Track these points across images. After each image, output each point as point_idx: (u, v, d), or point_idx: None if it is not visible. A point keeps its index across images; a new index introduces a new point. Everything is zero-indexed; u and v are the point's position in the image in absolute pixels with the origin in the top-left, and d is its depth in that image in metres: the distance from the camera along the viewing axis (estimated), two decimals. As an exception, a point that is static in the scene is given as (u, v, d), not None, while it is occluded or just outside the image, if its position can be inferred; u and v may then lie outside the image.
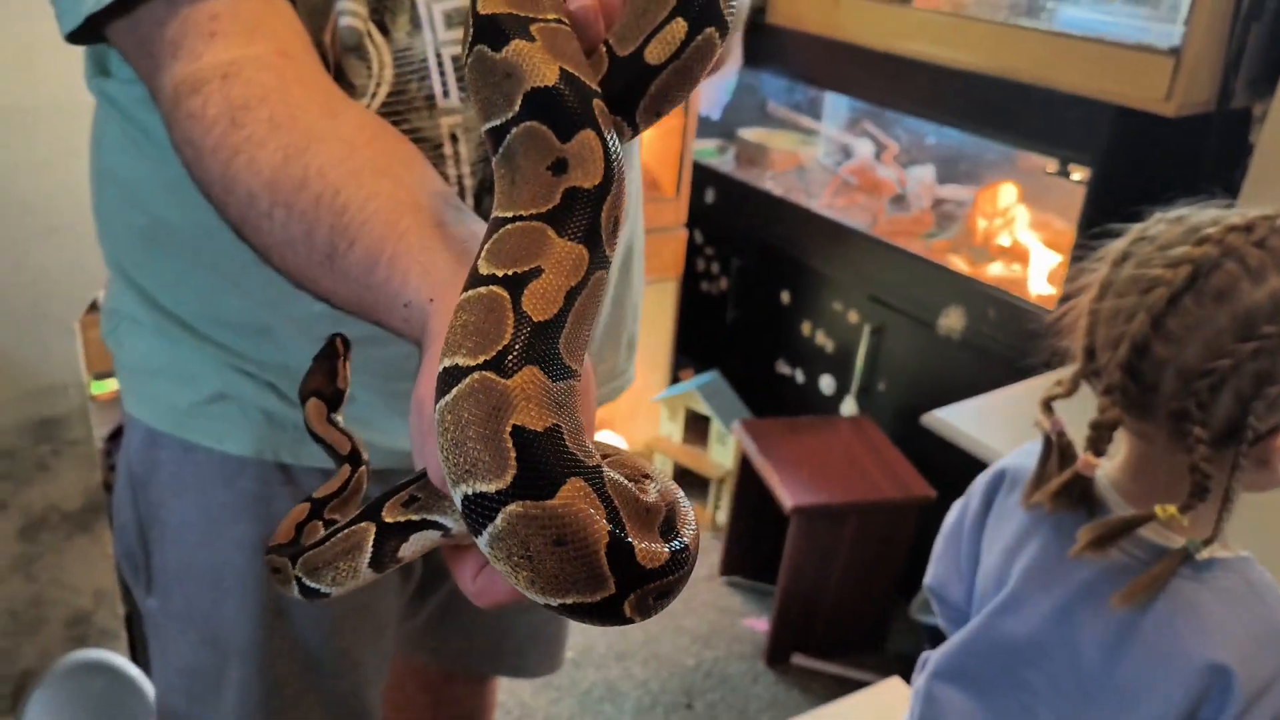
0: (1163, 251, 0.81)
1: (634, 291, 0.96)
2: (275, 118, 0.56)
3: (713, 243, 2.60)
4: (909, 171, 2.48)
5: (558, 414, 0.36)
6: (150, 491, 0.84)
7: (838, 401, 2.35)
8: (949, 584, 1.08)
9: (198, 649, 0.86)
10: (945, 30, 1.96)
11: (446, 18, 0.68)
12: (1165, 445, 0.84)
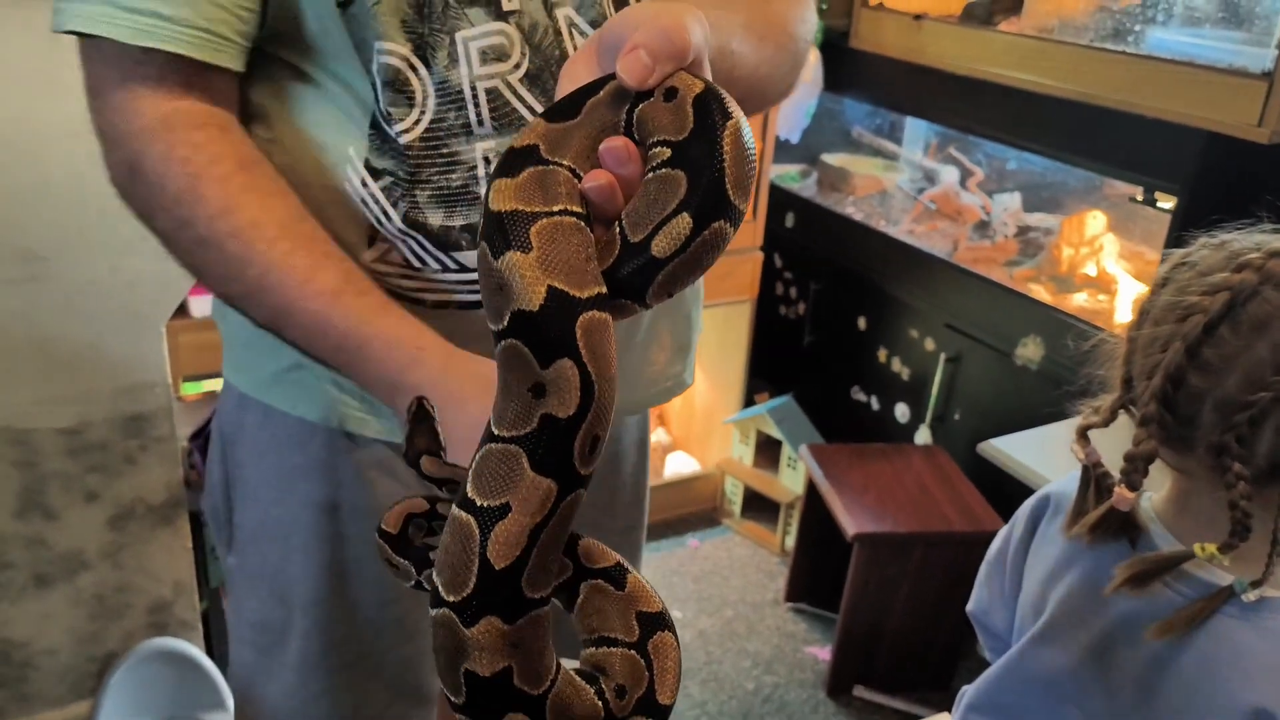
0: (1202, 278, 0.79)
1: (684, 300, 0.98)
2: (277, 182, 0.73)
3: (791, 267, 2.59)
4: (994, 198, 2.43)
5: (511, 655, 0.42)
6: (237, 451, 0.92)
7: (912, 430, 2.31)
8: (992, 611, 1.05)
9: (267, 604, 0.93)
10: (1029, 54, 1.92)
11: (481, 54, 0.74)
12: (1206, 480, 0.81)
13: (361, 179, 0.77)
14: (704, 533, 2.51)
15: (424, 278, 0.80)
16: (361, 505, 0.90)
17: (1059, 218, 2.28)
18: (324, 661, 0.93)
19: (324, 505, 0.89)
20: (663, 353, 0.98)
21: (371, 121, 0.76)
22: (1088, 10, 1.88)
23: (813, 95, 2.32)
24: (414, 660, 0.97)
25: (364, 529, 0.91)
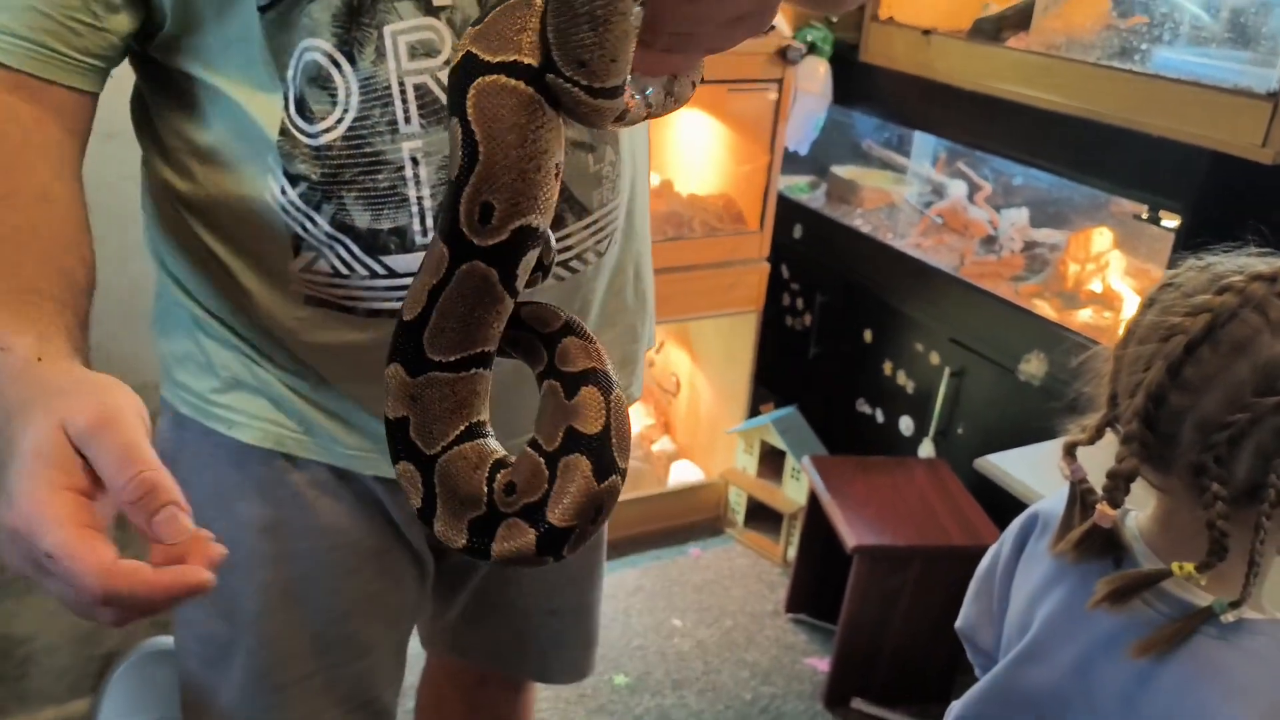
0: (1185, 299, 0.79)
1: (628, 312, 0.98)
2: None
3: (798, 278, 2.60)
4: (1002, 213, 2.43)
5: (409, 407, 0.45)
6: (177, 470, 0.88)
7: (916, 443, 2.31)
8: (980, 628, 1.06)
9: (212, 619, 0.92)
10: (1036, 71, 1.92)
11: (410, 49, 0.72)
12: (1187, 499, 0.81)
13: (281, 187, 0.76)
14: (706, 542, 2.51)
15: (353, 285, 0.78)
16: (302, 525, 0.89)
17: (1066, 234, 2.27)
18: (270, 678, 0.92)
19: (263, 526, 0.88)
20: None
21: (281, 128, 0.74)
22: (1095, 29, 1.89)
23: (822, 108, 2.32)
24: (367, 675, 0.96)
25: (311, 546, 0.90)
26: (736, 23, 0.50)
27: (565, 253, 0.85)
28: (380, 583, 0.95)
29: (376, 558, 0.94)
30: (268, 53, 0.71)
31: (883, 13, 2.25)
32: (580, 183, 0.83)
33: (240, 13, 0.70)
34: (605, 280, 0.93)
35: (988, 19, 2.08)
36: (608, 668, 2.08)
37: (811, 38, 2.26)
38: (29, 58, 0.66)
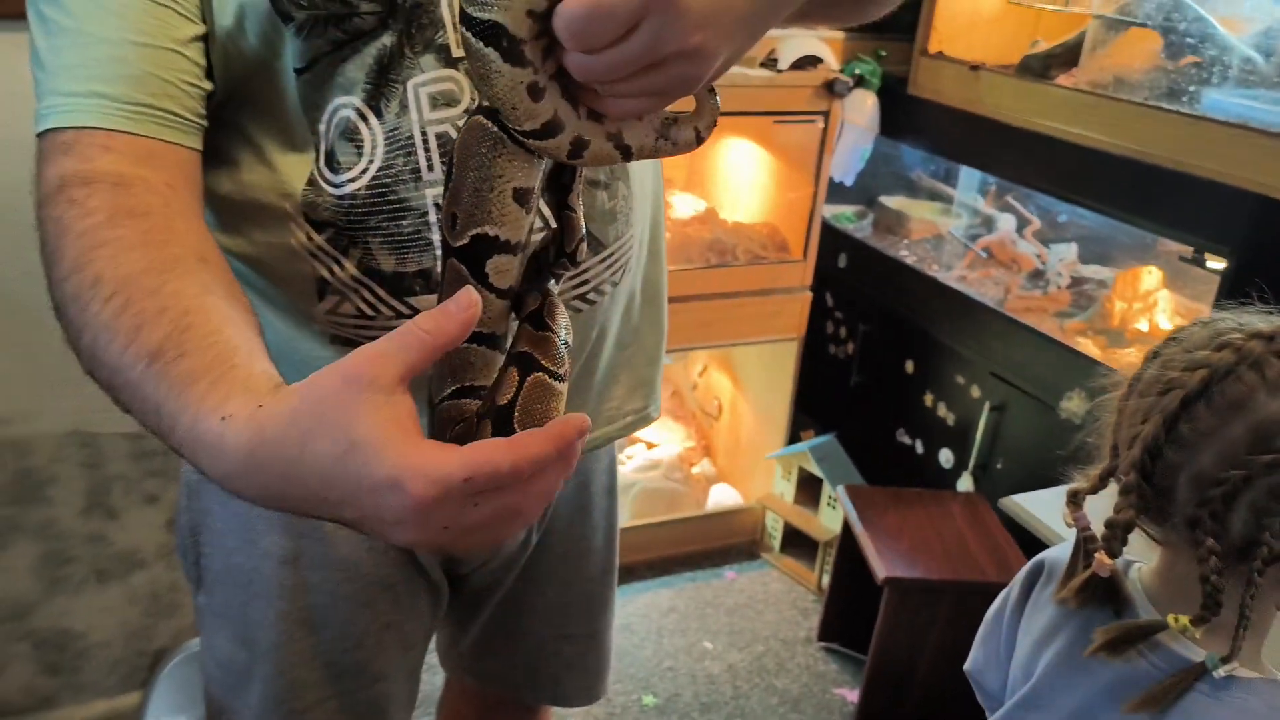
0: (1186, 354, 0.80)
1: (642, 336, 1.01)
2: (152, 235, 0.63)
3: (842, 306, 2.61)
4: (1051, 248, 2.42)
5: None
6: (201, 499, 0.94)
7: (955, 476, 2.30)
8: (987, 671, 1.06)
9: (233, 645, 0.95)
10: (1082, 109, 1.92)
11: (431, 99, 0.76)
12: (1185, 553, 0.82)
13: (307, 233, 0.79)
14: (742, 566, 2.53)
15: (379, 326, 0.81)
16: (321, 557, 0.92)
17: (1115, 271, 2.25)
18: (286, 704, 0.95)
19: (284, 558, 0.91)
20: (620, 388, 1.00)
21: (308, 179, 0.77)
22: (1143, 68, 1.88)
23: (868, 140, 2.34)
24: (380, 700, 0.99)
25: (326, 578, 0.93)
26: (648, 74, 0.51)
27: (582, 286, 0.88)
28: (394, 613, 0.98)
29: (391, 589, 0.97)
30: (300, 110, 0.75)
31: (932, 47, 2.27)
32: (596, 219, 0.86)
33: (277, 75, 0.75)
34: (620, 307, 0.96)
35: (1036, 56, 2.08)
36: (637, 687, 2.11)
37: (860, 71, 2.28)
38: (158, 124, 0.69)
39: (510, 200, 0.58)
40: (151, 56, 0.68)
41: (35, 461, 1.64)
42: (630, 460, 2.60)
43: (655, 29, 0.49)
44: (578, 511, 1.09)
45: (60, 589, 1.73)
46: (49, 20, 0.68)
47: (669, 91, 0.53)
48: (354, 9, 0.73)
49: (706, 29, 0.50)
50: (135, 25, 0.68)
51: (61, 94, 0.67)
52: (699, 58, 0.51)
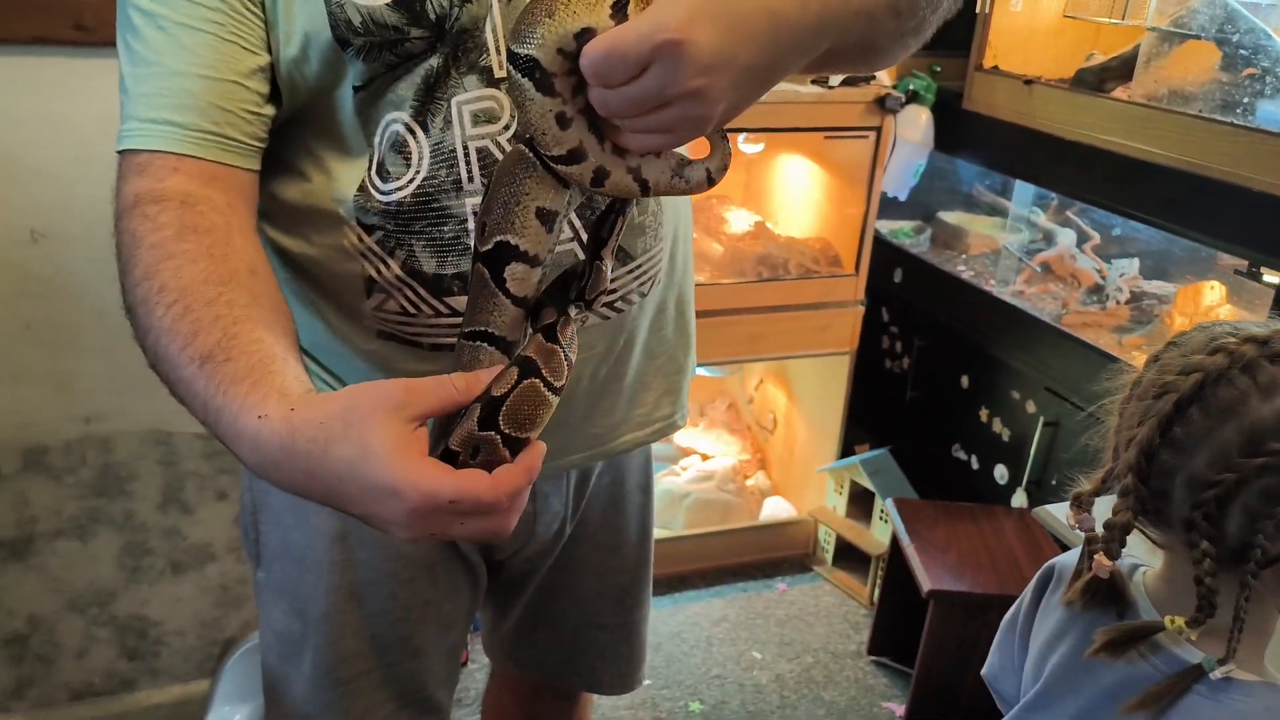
0: (1182, 358, 0.81)
1: (669, 344, 1.05)
2: (213, 250, 0.72)
3: (898, 321, 2.61)
4: (1112, 263, 2.39)
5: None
6: (260, 480, 1.02)
7: (1011, 492, 2.28)
8: (1003, 676, 1.08)
9: (288, 617, 1.02)
10: (1137, 122, 1.91)
11: (473, 116, 0.83)
12: (1184, 555, 0.83)
13: (358, 235, 0.86)
14: (794, 578, 2.54)
15: (420, 323, 0.88)
16: (367, 535, 0.98)
17: (1176, 286, 2.22)
18: (334, 672, 1.02)
19: (334, 535, 0.98)
20: (650, 395, 1.05)
21: (360, 185, 0.84)
22: (1198, 81, 1.86)
23: (922, 155, 2.35)
24: (420, 674, 1.05)
25: (372, 556, 1.00)
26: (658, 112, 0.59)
27: (610, 295, 0.93)
28: (433, 591, 1.05)
29: (430, 569, 1.03)
30: (357, 122, 0.83)
31: (987, 62, 2.27)
32: (626, 233, 0.92)
33: (336, 94, 0.82)
34: (649, 318, 1.01)
35: (1091, 69, 2.07)
36: (684, 694, 2.14)
37: (914, 86, 2.30)
38: (221, 149, 0.77)
39: (533, 216, 0.66)
40: (216, 89, 0.76)
41: (118, 457, 1.75)
42: (685, 471, 2.64)
43: (662, 72, 0.56)
44: (611, 505, 1.14)
45: (140, 578, 1.85)
46: (133, 50, 0.77)
47: (677, 130, 0.61)
48: (405, 35, 0.80)
49: (710, 75, 0.58)
50: (203, 60, 0.76)
51: (138, 119, 0.76)
52: (702, 100, 0.58)
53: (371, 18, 0.78)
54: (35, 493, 1.74)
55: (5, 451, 1.70)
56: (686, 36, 0.56)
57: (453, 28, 0.80)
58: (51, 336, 1.65)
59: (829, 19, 0.65)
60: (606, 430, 1.02)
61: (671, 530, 2.49)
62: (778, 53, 0.62)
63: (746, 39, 0.59)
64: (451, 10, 0.80)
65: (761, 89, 0.64)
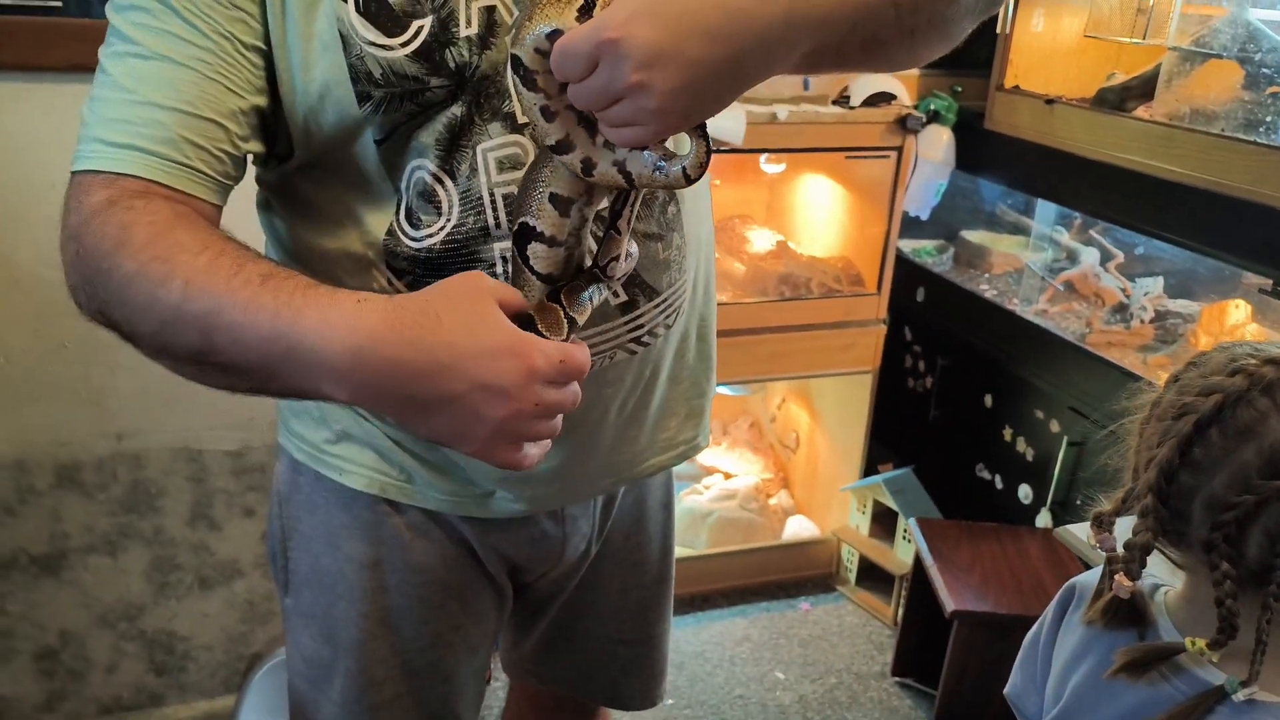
0: (1202, 379, 0.82)
1: (691, 368, 1.06)
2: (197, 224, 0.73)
3: (921, 340, 2.61)
4: (1136, 282, 2.38)
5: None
6: (290, 507, 1.02)
7: (1035, 512, 2.27)
8: (1025, 696, 1.08)
9: (317, 643, 1.02)
10: (1159, 141, 1.91)
11: (498, 163, 0.83)
12: (1205, 576, 0.83)
13: (388, 278, 0.86)
14: (817, 597, 2.54)
15: None
16: (400, 562, 0.99)
17: (1201, 305, 2.21)
18: (364, 698, 1.02)
19: (366, 562, 0.99)
20: (674, 420, 1.06)
21: (388, 230, 0.85)
22: (1221, 100, 1.86)
23: (943, 175, 2.36)
24: (449, 698, 1.06)
25: (403, 582, 1.00)
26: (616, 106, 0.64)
27: (637, 330, 0.94)
28: (463, 616, 1.05)
29: (460, 594, 1.04)
30: (382, 169, 0.83)
31: (1008, 81, 2.28)
32: (651, 269, 0.93)
33: (359, 143, 0.82)
34: (674, 347, 1.02)
35: (1112, 89, 2.07)
36: (707, 714, 2.14)
37: (935, 106, 2.31)
38: (188, 179, 0.75)
39: (547, 201, 0.73)
40: (190, 124, 0.74)
41: (148, 474, 1.78)
42: (708, 490, 2.64)
43: (606, 68, 0.62)
44: (634, 523, 1.15)
45: (168, 593, 1.87)
46: (110, 75, 0.75)
47: (636, 122, 0.65)
48: (426, 85, 0.80)
49: (650, 70, 0.62)
50: (181, 95, 0.74)
51: (103, 142, 0.73)
52: (647, 94, 0.62)
53: (392, 69, 0.79)
54: (68, 509, 1.77)
55: (40, 468, 1.73)
56: (624, 34, 0.60)
57: (473, 75, 0.81)
58: (86, 354, 1.69)
59: (801, 10, 0.65)
60: (632, 456, 1.03)
61: (694, 549, 2.50)
62: (737, 46, 0.63)
63: (692, 33, 0.61)
64: (471, 59, 0.80)
65: (728, 84, 0.65)
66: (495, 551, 1.04)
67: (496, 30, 0.81)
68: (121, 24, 0.76)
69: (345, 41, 0.78)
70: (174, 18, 0.74)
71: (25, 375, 1.68)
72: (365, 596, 1.00)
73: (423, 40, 0.79)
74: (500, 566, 1.06)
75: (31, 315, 1.66)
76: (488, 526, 1.02)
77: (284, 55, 0.78)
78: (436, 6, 0.79)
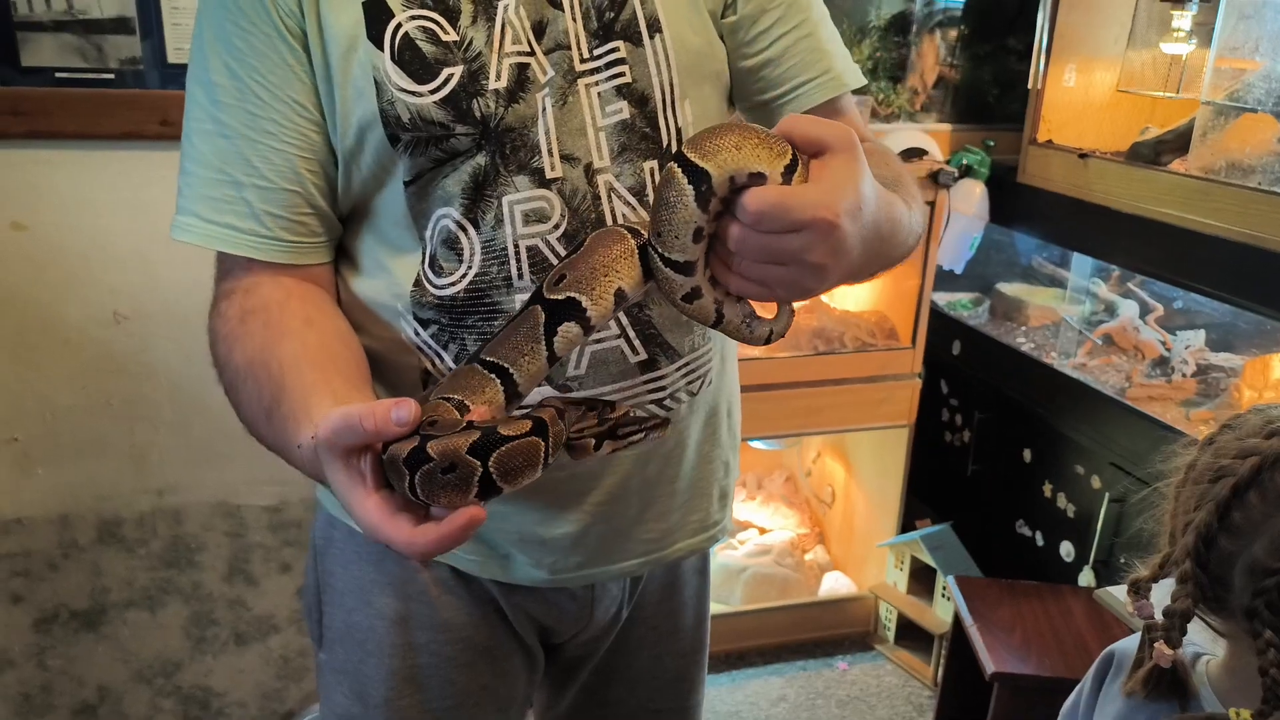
0: (1238, 441, 0.80)
1: (722, 448, 1.05)
2: (268, 322, 0.80)
3: (957, 394, 2.59)
4: (1177, 335, 2.35)
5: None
6: (326, 561, 1.03)
7: (1077, 570, 2.22)
8: (1066, 765, 1.05)
9: (349, 700, 1.02)
10: (1194, 194, 1.89)
11: (524, 216, 0.85)
12: (1247, 644, 0.81)
13: (415, 329, 0.88)
14: (855, 656, 2.49)
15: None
16: (428, 619, 1.00)
17: (1244, 358, 2.17)
18: None
19: (395, 618, 0.99)
20: (705, 501, 1.05)
21: (415, 280, 0.87)
22: (1256, 153, 1.85)
23: (977, 228, 2.35)
24: None
25: (431, 640, 1.00)
26: (776, 267, 0.64)
27: (659, 392, 0.94)
28: (491, 676, 1.05)
29: (489, 653, 1.04)
30: (409, 217, 0.86)
31: (1041, 136, 2.28)
32: (673, 330, 0.93)
33: (389, 188, 0.86)
34: (701, 420, 1.02)
35: (1146, 143, 2.07)
36: (742, 775, 2.10)
37: (967, 161, 2.32)
38: (275, 251, 0.85)
39: (611, 293, 0.69)
40: (269, 197, 0.84)
41: (188, 529, 1.81)
42: (742, 545, 2.62)
43: (809, 240, 0.62)
44: (667, 588, 1.14)
45: (205, 649, 1.89)
46: (196, 147, 0.83)
47: (777, 287, 0.66)
48: (450, 131, 0.83)
49: (835, 258, 0.64)
50: (258, 171, 0.83)
51: (200, 217, 0.84)
52: (818, 275, 0.65)
53: (419, 114, 0.82)
54: (108, 563, 1.80)
55: (82, 523, 1.76)
56: (841, 223, 0.62)
57: (498, 126, 0.84)
58: (130, 411, 1.73)
59: (903, 234, 0.77)
60: (661, 535, 1.02)
61: (729, 605, 2.47)
62: (864, 262, 0.69)
63: (863, 244, 0.66)
64: (497, 110, 0.83)
65: (840, 283, 0.71)
66: (523, 612, 1.04)
67: (527, 86, 0.84)
68: (200, 95, 0.83)
69: (379, 87, 0.81)
70: (244, 90, 0.82)
71: (71, 431, 1.72)
72: (394, 653, 1.00)
73: (451, 89, 0.82)
74: (529, 627, 1.06)
75: (79, 373, 1.70)
76: (514, 587, 1.02)
77: (329, 105, 0.83)
78: (468, 58, 0.83)
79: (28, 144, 1.61)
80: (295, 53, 0.82)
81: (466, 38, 0.83)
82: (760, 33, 0.92)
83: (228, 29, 0.82)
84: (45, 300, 1.67)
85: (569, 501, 0.95)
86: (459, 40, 0.83)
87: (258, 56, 0.82)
